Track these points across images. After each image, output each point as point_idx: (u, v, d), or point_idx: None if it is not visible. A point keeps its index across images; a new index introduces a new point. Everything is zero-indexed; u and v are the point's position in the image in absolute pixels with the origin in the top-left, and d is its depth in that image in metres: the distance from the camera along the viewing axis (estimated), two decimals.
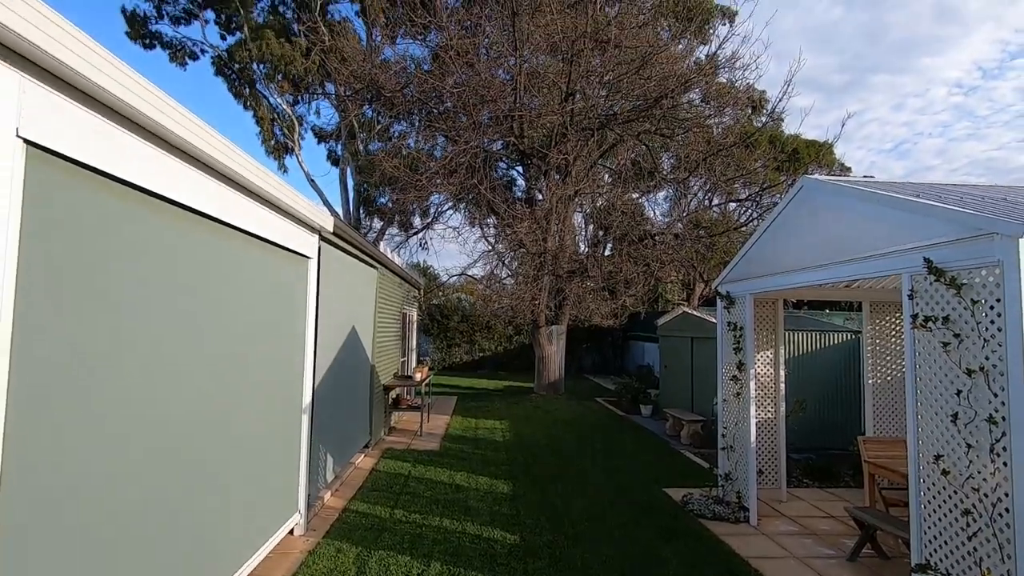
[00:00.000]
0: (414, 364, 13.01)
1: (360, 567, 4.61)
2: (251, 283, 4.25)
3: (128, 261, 2.75)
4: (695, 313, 11.11)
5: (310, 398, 5.53)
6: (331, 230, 5.70)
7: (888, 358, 6.89)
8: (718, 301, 6.76)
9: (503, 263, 16.68)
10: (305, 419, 5.42)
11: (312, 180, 29.76)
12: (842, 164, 26.18)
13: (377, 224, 28.59)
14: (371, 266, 8.79)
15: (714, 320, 10.22)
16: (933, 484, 3.56)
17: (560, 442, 9.85)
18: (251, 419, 4.32)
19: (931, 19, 50.13)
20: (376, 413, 9.23)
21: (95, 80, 2.23)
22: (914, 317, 3.62)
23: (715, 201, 21.26)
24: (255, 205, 4.12)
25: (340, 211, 25.99)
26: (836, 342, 9.87)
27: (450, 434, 10.28)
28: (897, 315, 6.91)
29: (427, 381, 11.12)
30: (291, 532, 5.32)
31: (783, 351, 6.85)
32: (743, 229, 15.50)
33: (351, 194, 27.08)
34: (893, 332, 6.91)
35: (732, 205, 20.56)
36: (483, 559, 4.81)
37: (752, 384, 6.03)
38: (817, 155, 22.96)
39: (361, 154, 23.91)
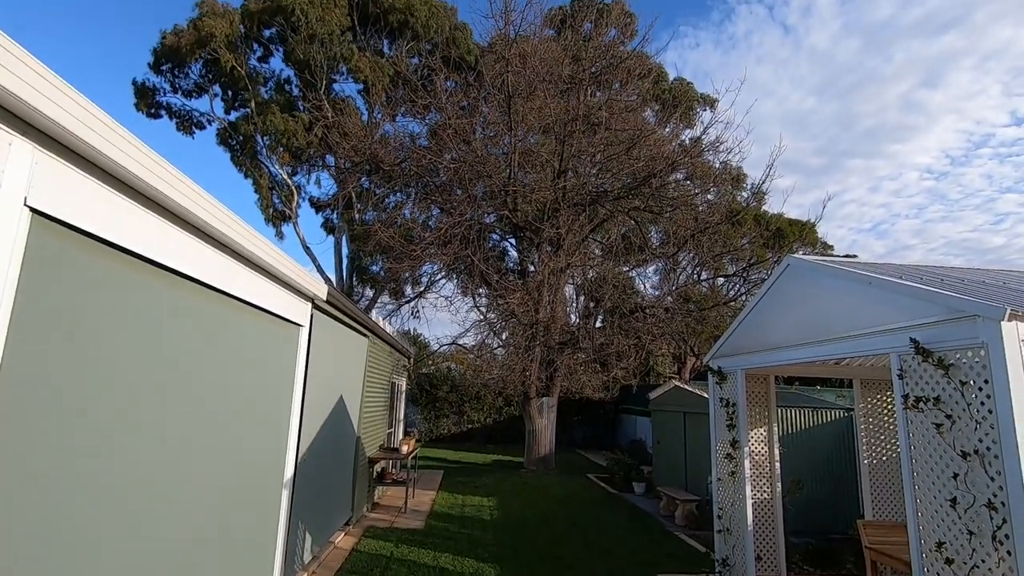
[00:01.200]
0: (401, 435, 12.67)
1: None
2: (243, 352, 4.20)
3: (116, 320, 2.74)
4: (687, 387, 11.03)
5: (292, 472, 5.34)
6: (324, 298, 5.72)
7: (882, 437, 6.81)
8: (709, 377, 6.74)
9: (494, 333, 16.66)
10: (285, 495, 5.20)
11: (307, 247, 30.09)
12: (824, 242, 27.01)
13: (369, 292, 28.72)
14: (362, 334, 8.74)
15: (705, 395, 10.14)
16: (938, 574, 3.43)
17: (551, 522, 9.45)
18: (231, 495, 4.14)
19: (897, 110, 53.42)
20: (360, 488, 8.87)
21: (106, 153, 2.31)
22: (905, 397, 3.62)
23: (704, 276, 21.67)
24: (251, 273, 4.16)
25: (333, 278, 26.14)
26: (829, 419, 9.78)
27: (436, 511, 9.86)
28: (888, 393, 6.90)
29: (414, 454, 10.79)
30: None
31: (776, 428, 6.77)
32: (732, 304, 15.70)
33: (345, 262, 27.37)
34: (885, 410, 6.87)
35: (720, 280, 20.95)
36: None
37: (747, 463, 5.91)
38: (801, 233, 23.71)
39: (356, 223, 24.37)
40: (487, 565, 6.88)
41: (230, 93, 22.24)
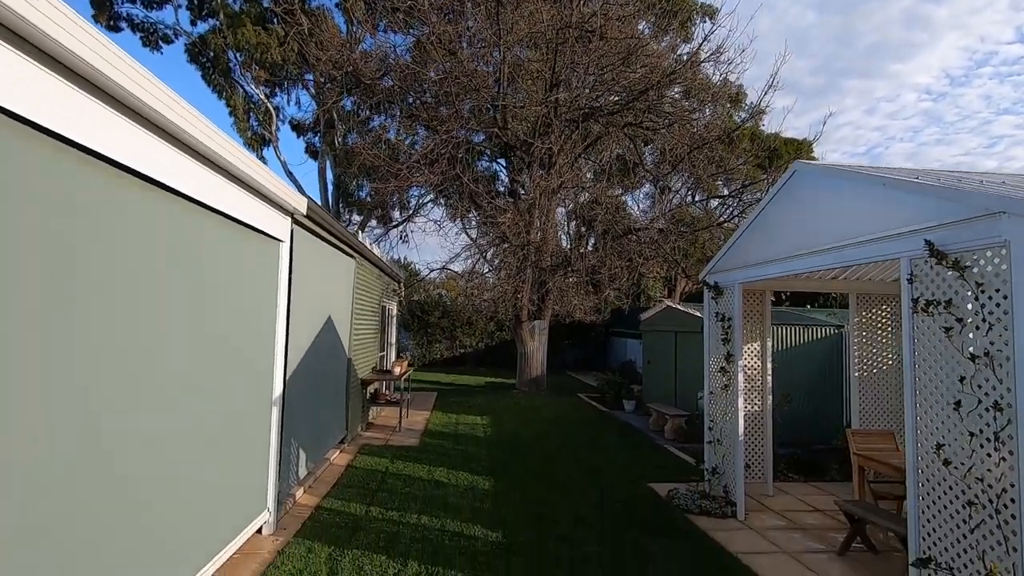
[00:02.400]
0: (393, 359, 12.71)
1: (332, 568, 4.34)
2: (217, 264, 3.95)
3: (78, 227, 2.46)
4: (679, 307, 11.00)
5: (280, 389, 5.23)
6: (304, 212, 5.40)
7: (874, 350, 6.81)
8: (705, 292, 6.61)
9: (484, 258, 16.44)
10: (275, 411, 5.12)
11: (290, 171, 29.14)
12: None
13: (357, 218, 28.18)
14: (348, 255, 8.47)
15: (698, 314, 10.12)
16: (933, 475, 3.42)
17: (543, 438, 9.65)
18: (217, 409, 4.02)
19: (901, 25, 51.06)
20: (353, 408, 8.92)
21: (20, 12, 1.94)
22: (915, 301, 3.47)
23: (697, 198, 21.29)
24: (223, 180, 3.82)
25: (319, 201, 25.46)
26: (819, 336, 9.84)
27: (430, 430, 10.02)
28: (884, 307, 6.83)
29: (407, 376, 10.83)
30: (259, 531, 5.03)
31: (770, 343, 6.73)
32: (726, 225, 15.47)
33: (330, 187, 26.59)
34: (879, 324, 6.83)
35: (714, 203, 20.61)
36: (463, 558, 4.57)
37: (740, 376, 5.88)
38: (797, 152, 23.14)
39: (339, 146, 23.45)
40: (481, 478, 7.01)
41: (195, 1, 20.59)
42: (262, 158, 26.04)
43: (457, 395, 14.98)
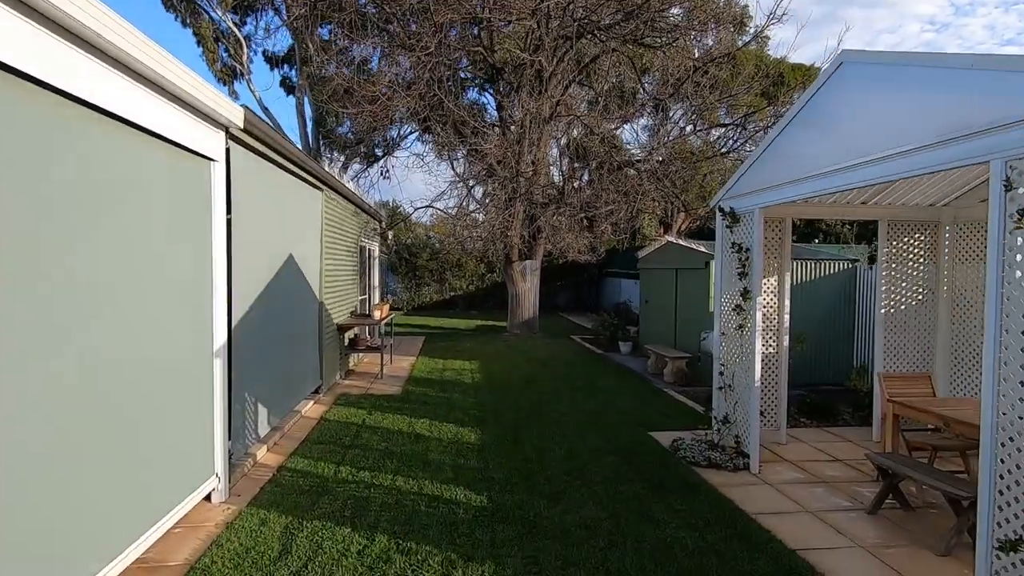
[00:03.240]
0: (378, 302, 11.93)
1: (285, 544, 3.69)
2: (120, 185, 3.06)
3: None
4: (680, 242, 10.19)
5: (225, 338, 4.45)
6: (241, 125, 4.44)
7: (903, 284, 6.09)
8: (718, 220, 5.78)
9: (471, 194, 15.40)
10: (219, 363, 4.35)
11: (265, 108, 27.50)
12: None
13: (340, 157, 26.81)
14: (314, 186, 7.52)
15: (703, 250, 9.33)
16: (1022, 431, 2.73)
17: (535, 382, 9.04)
18: (136, 363, 3.24)
19: None
20: (329, 355, 8.21)
21: None
22: (1021, 213, 2.66)
23: (697, 128, 20.08)
24: (121, 77, 2.88)
25: (299, 144, 24.04)
26: (830, 272, 9.11)
27: (414, 377, 9.38)
28: (918, 236, 6.06)
29: (388, 320, 10.10)
30: (209, 499, 4.37)
31: (789, 278, 5.98)
32: (731, 155, 14.45)
33: (309, 124, 25.11)
34: (911, 256, 6.08)
35: (716, 133, 19.42)
36: (441, 528, 3.94)
37: (758, 315, 5.15)
38: (804, 79, 21.75)
39: (315, 76, 21.81)
40: (467, 430, 6.39)
41: None
42: (233, 92, 24.36)
43: (446, 339, 14.35)
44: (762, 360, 5.74)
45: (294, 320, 6.67)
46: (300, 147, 24.00)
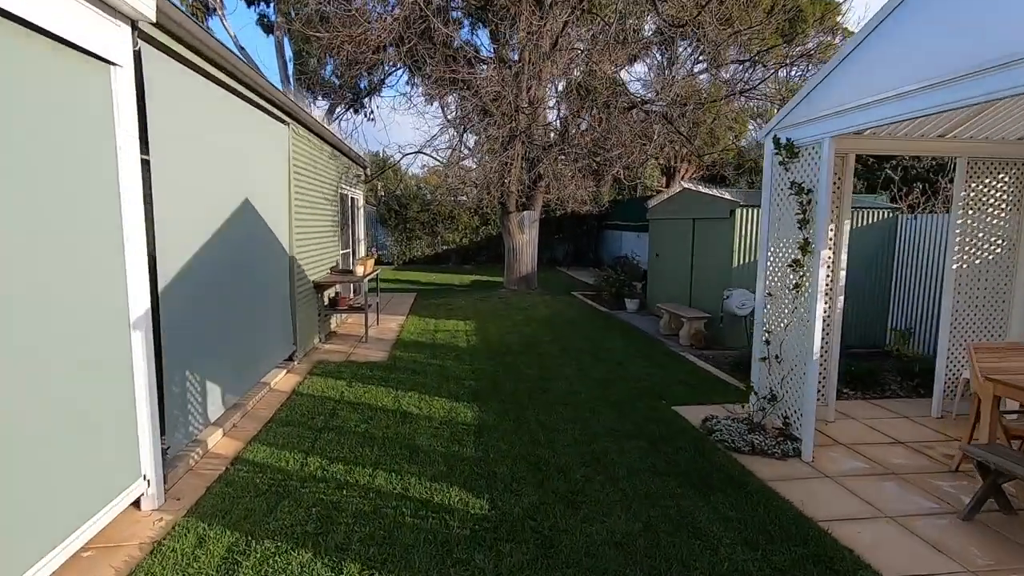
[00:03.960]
0: (363, 256, 10.81)
1: None
2: None
3: None
4: (701, 189, 9.11)
5: (147, 306, 3.42)
6: (152, 19, 3.28)
7: (981, 234, 5.11)
8: (768, 157, 4.72)
9: (463, 141, 14.08)
10: (139, 337, 3.35)
11: (242, 47, 25.52)
12: (846, 29, 23.46)
13: (323, 103, 25.11)
14: (278, 119, 6.34)
15: (727, 196, 8.28)
16: None
17: (537, 346, 8.13)
18: (8, 345, 2.24)
19: None
20: (304, 317, 7.22)
21: None
22: None
23: (706, 67, 18.58)
24: None
25: (280, 88, 22.36)
26: (868, 223, 8.11)
27: (403, 340, 8.44)
28: (1002, 175, 5.04)
29: (372, 276, 9.08)
30: (139, 505, 3.46)
31: (848, 227, 4.97)
32: (752, 92, 13.17)
33: (290, 66, 23.32)
34: (992, 200, 5.07)
35: (727, 72, 17.97)
36: (430, 550, 3.05)
37: (822, 273, 4.16)
38: (823, 14, 20.14)
39: (293, 7, 19.96)
40: (463, 405, 5.48)
41: None
42: (207, 30, 22.43)
43: (438, 296, 13.38)
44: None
45: (255, 278, 5.64)
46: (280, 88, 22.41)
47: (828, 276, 4.88)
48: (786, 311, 4.56)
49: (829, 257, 4.74)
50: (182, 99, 4.01)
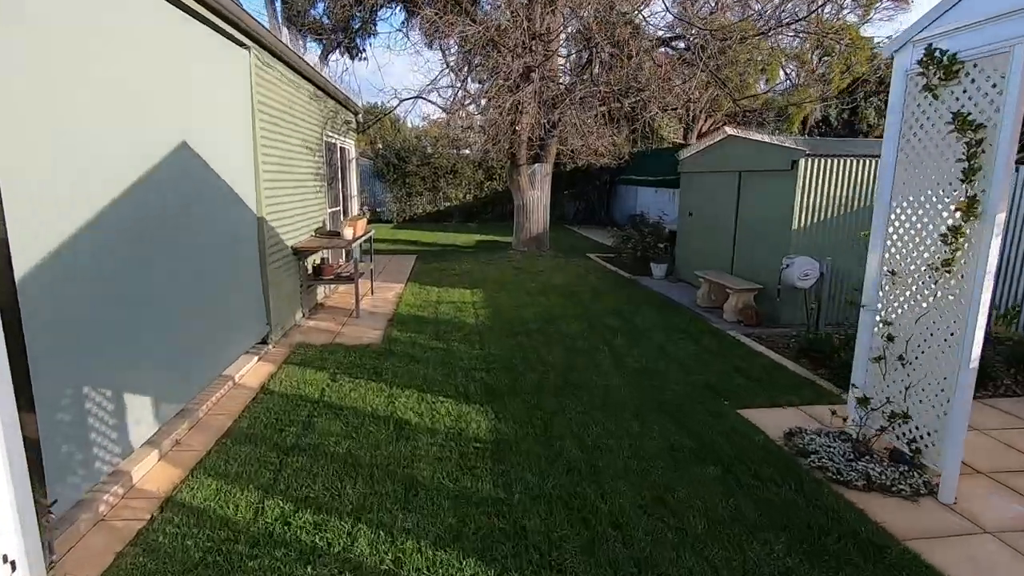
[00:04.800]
0: (355, 213, 9.48)
1: None
2: None
3: None
4: (752, 136, 7.70)
5: None
6: None
7: None
8: (902, 79, 3.38)
9: (466, 82, 12.50)
10: None
11: None
12: None
13: (315, 48, 23.23)
14: (235, 42, 4.94)
15: (790, 145, 6.90)
16: None
17: (558, 322, 6.93)
18: None
19: None
20: (280, 290, 6.02)
21: None
22: None
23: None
24: None
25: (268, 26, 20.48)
26: None
27: (400, 314, 7.24)
28: None
29: (365, 238, 7.82)
30: None
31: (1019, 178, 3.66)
32: (795, 24, 11.49)
33: (278, 3, 21.37)
34: None
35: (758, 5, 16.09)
36: None
37: (995, 245, 2.89)
38: None
39: None
40: (473, 409, 4.33)
41: None
42: None
43: (440, 259, 12.12)
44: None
45: (205, 246, 4.39)
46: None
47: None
48: (920, 296, 3.31)
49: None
50: None
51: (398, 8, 14.87)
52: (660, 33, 13.55)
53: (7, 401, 2.15)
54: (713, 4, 17.08)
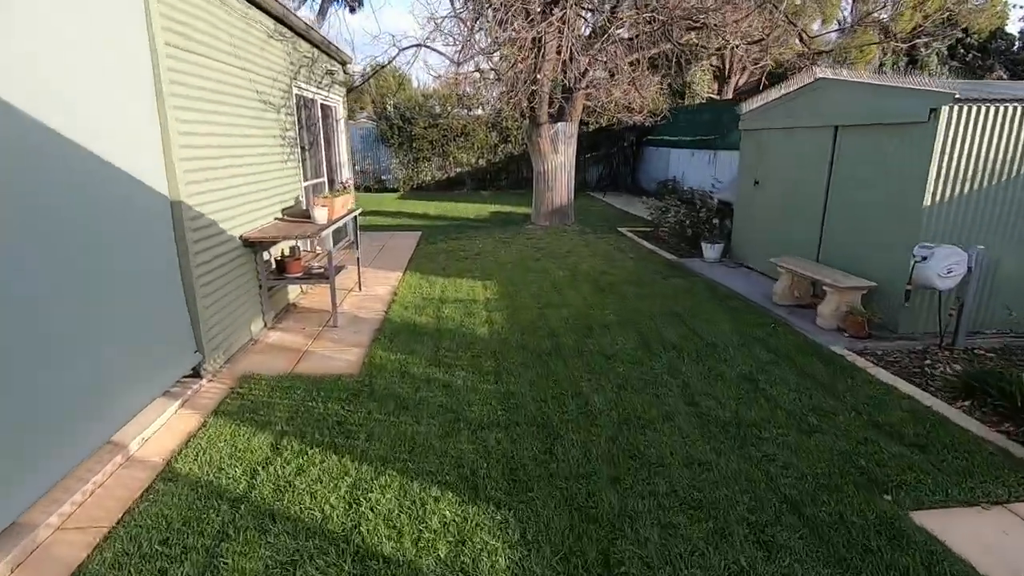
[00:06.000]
0: (334, 191, 7.65)
1: None
2: None
3: None
4: (865, 79, 5.75)
5: None
6: None
7: None
8: None
9: (473, 27, 10.47)
10: None
11: None
12: None
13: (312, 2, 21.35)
14: None
15: (907, 85, 4.99)
16: None
17: (597, 334, 5.22)
18: None
19: None
20: (220, 300, 4.37)
21: None
22: None
23: None
24: None
25: None
26: None
27: (391, 321, 5.57)
28: None
29: (344, 219, 6.13)
30: None
31: None
32: None
33: None
34: None
35: None
36: None
37: None
38: None
39: None
40: (486, 515, 2.69)
41: None
42: None
43: (449, 236, 10.39)
44: None
45: (56, 252, 2.72)
46: None
47: None
48: None
49: None
50: None
51: None
52: None
53: None
54: None
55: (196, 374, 4.09)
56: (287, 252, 5.40)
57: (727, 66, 21.37)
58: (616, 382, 4.17)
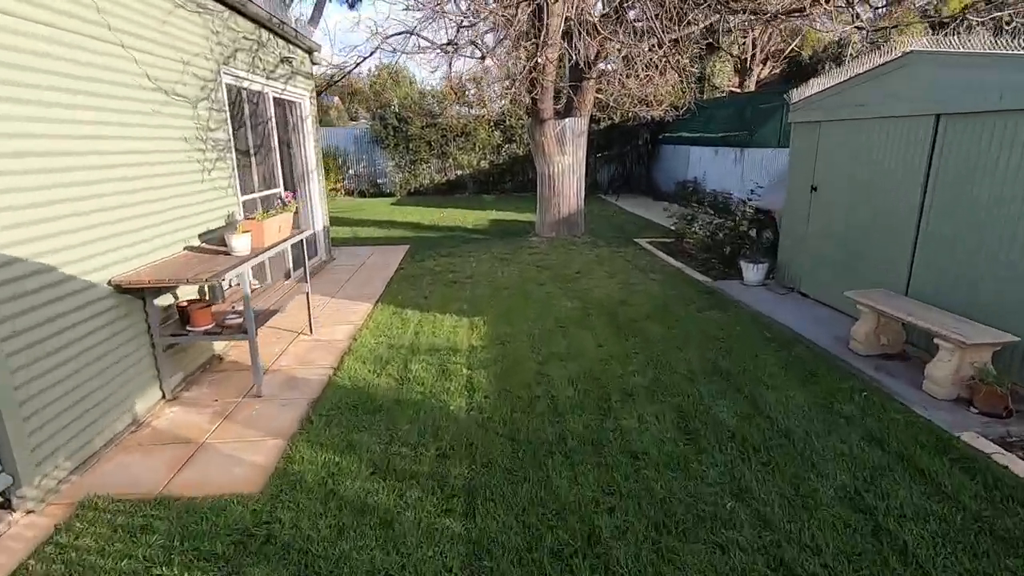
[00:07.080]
0: (270, 212, 6.13)
1: None
2: None
3: None
4: (967, 51, 4.20)
5: None
6: None
7: None
8: None
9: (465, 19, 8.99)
10: None
11: None
12: None
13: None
14: None
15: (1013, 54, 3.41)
16: None
17: (617, 413, 3.73)
18: None
19: None
20: (59, 381, 2.94)
21: None
22: None
23: None
24: None
25: None
26: None
27: (338, 384, 4.12)
28: None
29: (271, 252, 4.71)
30: None
31: None
32: None
33: None
34: None
35: None
36: None
37: None
38: None
39: None
40: None
41: None
42: None
43: (439, 251, 8.94)
44: None
45: None
46: None
47: None
48: None
49: None
50: None
51: None
52: None
53: None
54: None
55: (5, 503, 2.68)
56: (183, 304, 3.95)
57: (749, 57, 19.70)
58: (650, 514, 2.68)
